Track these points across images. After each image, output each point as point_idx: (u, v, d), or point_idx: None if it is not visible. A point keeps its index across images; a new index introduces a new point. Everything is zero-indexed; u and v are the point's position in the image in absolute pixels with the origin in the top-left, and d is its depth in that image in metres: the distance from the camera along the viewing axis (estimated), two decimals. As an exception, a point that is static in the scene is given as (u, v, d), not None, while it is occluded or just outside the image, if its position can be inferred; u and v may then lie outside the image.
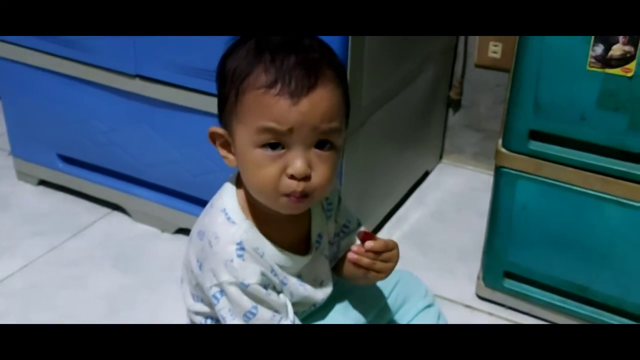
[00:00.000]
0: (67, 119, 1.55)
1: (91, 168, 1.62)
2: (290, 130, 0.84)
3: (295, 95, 0.83)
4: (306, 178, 0.86)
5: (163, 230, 1.57)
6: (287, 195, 0.86)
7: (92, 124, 1.52)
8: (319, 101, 0.85)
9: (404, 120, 1.61)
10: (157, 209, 1.55)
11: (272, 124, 0.83)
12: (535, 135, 1.17)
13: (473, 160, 1.87)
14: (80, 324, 1.29)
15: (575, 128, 1.13)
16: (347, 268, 1.00)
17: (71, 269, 1.45)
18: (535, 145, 1.18)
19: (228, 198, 0.94)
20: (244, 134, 0.86)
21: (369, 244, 0.93)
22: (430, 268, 1.46)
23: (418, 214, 1.67)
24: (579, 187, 1.17)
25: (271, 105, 0.83)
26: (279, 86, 0.83)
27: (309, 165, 0.85)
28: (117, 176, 1.58)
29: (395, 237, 1.57)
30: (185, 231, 1.54)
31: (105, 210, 1.64)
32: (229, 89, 0.87)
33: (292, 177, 0.85)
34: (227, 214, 0.92)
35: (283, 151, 0.85)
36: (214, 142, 0.92)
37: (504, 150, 1.22)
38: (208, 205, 0.98)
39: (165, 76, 1.37)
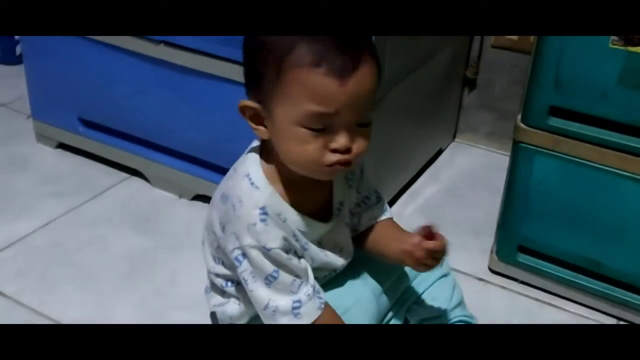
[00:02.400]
0: (90, 83, 1.56)
1: (111, 132, 1.63)
2: (337, 112, 0.85)
3: (343, 75, 0.83)
4: (347, 150, 0.88)
5: (181, 196, 1.58)
6: (330, 165, 0.88)
7: (115, 89, 1.54)
8: (364, 80, 0.85)
9: (420, 98, 1.62)
10: (175, 175, 1.56)
11: (320, 108, 0.84)
12: (555, 111, 1.18)
13: (486, 140, 1.88)
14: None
15: (595, 105, 1.14)
16: (391, 249, 1.02)
17: (91, 229, 1.47)
18: (555, 122, 1.19)
19: (251, 164, 0.95)
20: (287, 111, 0.86)
21: (430, 243, 0.96)
22: (443, 241, 1.47)
23: (432, 189, 1.68)
24: (596, 164, 1.18)
25: (318, 86, 0.83)
26: (325, 64, 0.83)
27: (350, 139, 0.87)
28: (137, 141, 1.59)
29: (409, 211, 1.59)
30: (203, 198, 1.55)
31: (124, 174, 1.65)
32: (265, 64, 0.86)
33: (334, 150, 0.87)
34: (250, 179, 0.93)
35: (326, 130, 0.86)
36: (243, 114, 0.92)
37: (523, 125, 1.23)
38: (231, 170, 0.99)
39: (190, 43, 1.38)
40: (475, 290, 1.36)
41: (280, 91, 0.86)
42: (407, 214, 1.58)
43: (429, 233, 0.96)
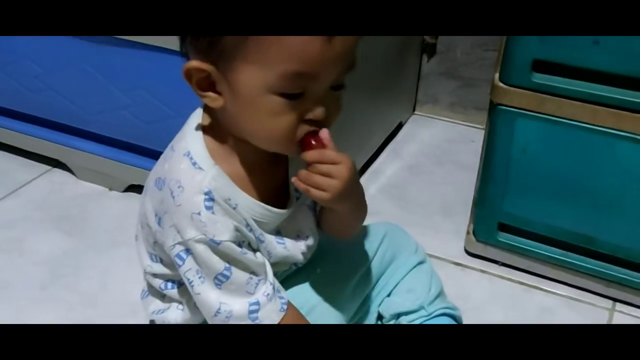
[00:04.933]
0: (-6, 62, 1.40)
1: (26, 119, 1.48)
2: (318, 74, 0.73)
3: None
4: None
5: (111, 189, 1.45)
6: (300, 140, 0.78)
7: (24, 66, 1.37)
8: (351, 37, 0.74)
9: (375, 67, 1.49)
10: (104, 164, 1.43)
11: (303, 69, 0.72)
12: (539, 65, 1.05)
13: (449, 111, 1.76)
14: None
15: (586, 55, 1.00)
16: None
17: (5, 231, 1.32)
18: (539, 78, 1.05)
19: (193, 140, 0.82)
20: (257, 76, 0.73)
21: (306, 154, 0.78)
22: (412, 223, 1.34)
23: (394, 167, 1.56)
24: (588, 124, 1.05)
25: (302, 44, 0.71)
26: None
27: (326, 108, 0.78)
28: (57, 128, 1.45)
29: (371, 191, 1.46)
30: (136, 188, 1.42)
31: (43, 167, 1.51)
32: None
33: (308, 120, 0.77)
34: (192, 159, 0.80)
35: (303, 97, 0.74)
36: (189, 79, 0.77)
37: (501, 84, 1.09)
38: (168, 149, 0.85)
39: (110, 6, 1.21)
40: (451, 276, 1.23)
41: (249, 51, 0.73)
42: (370, 194, 1.44)
43: (307, 140, 0.78)
